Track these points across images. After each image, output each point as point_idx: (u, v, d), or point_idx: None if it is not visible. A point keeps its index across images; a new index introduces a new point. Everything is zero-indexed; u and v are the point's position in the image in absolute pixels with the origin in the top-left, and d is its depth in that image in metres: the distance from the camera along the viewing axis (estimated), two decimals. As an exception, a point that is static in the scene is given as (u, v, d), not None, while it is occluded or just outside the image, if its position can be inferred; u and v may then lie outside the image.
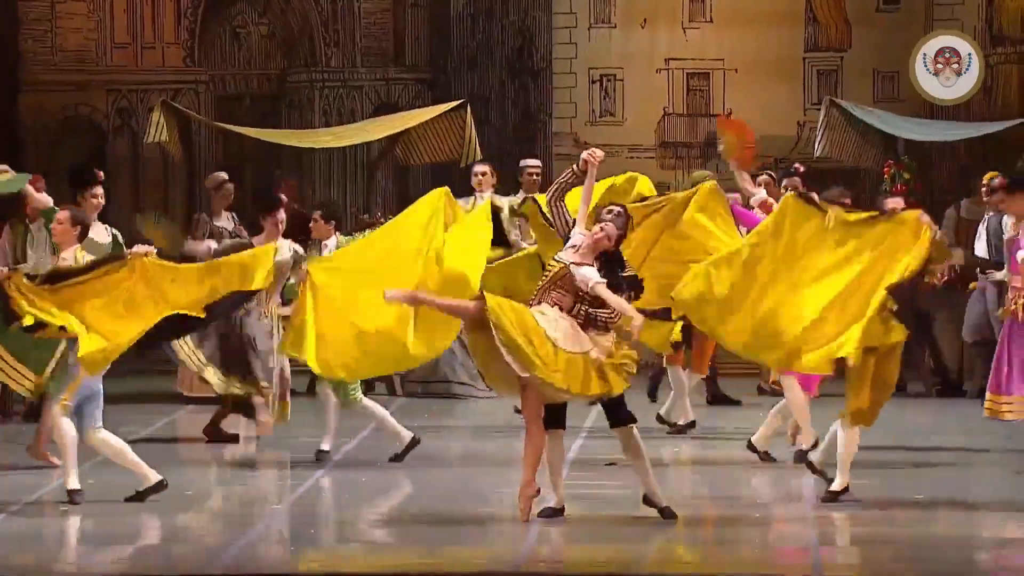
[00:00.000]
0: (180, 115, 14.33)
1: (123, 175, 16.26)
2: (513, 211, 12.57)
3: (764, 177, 14.31)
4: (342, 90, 16.50)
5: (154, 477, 9.83)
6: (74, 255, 9.99)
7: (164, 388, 13.72)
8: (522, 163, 14.70)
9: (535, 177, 14.65)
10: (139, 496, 9.79)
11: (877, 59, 16.11)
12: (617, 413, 9.27)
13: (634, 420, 9.31)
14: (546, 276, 9.30)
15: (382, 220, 13.29)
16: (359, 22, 16.47)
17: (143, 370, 13.25)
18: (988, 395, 10.56)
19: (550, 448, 9.38)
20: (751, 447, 11.01)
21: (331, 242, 11.54)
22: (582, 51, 16.29)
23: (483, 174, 13.38)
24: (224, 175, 13.86)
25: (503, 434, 12.22)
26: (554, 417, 9.37)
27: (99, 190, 11.66)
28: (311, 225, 11.59)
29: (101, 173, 11.73)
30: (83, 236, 10.10)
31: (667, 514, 9.31)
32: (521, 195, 12.98)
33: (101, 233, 11.59)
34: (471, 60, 16.43)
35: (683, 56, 16.19)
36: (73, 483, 9.77)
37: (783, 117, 15.99)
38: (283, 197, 11.86)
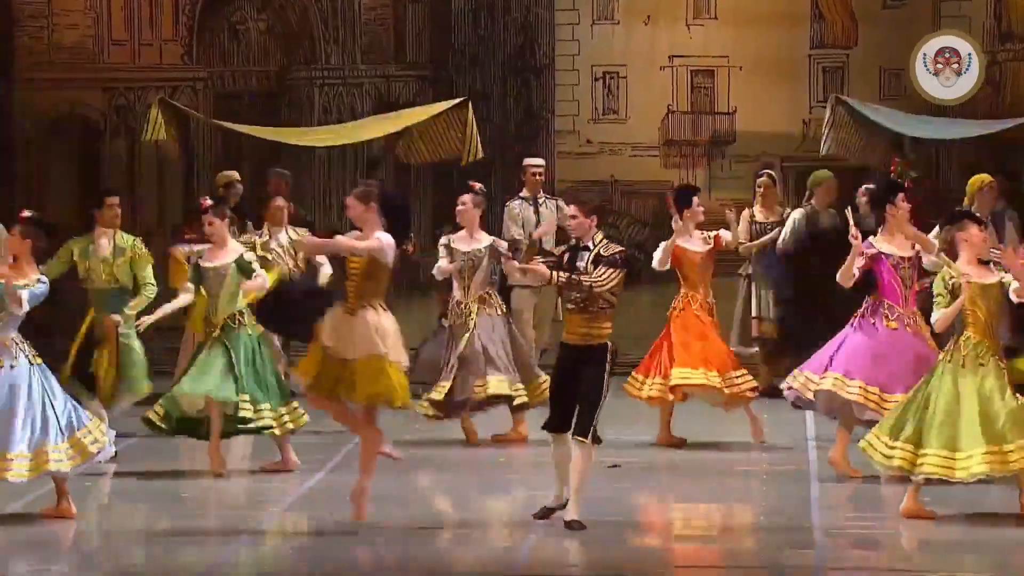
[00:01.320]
0: (178, 113, 14.20)
1: (119, 174, 16.13)
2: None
3: (764, 179, 14.21)
4: (342, 88, 16.38)
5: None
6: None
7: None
8: (525, 162, 14.60)
9: (538, 176, 14.54)
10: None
11: (883, 56, 15.99)
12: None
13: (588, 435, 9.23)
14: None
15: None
16: (359, 18, 16.36)
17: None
18: None
19: (555, 449, 9.41)
20: None
21: (282, 236, 11.39)
22: (585, 48, 16.16)
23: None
24: (234, 174, 13.73)
25: (500, 440, 12.11)
26: (558, 421, 9.33)
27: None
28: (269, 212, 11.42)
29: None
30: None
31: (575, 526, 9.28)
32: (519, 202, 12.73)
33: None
34: (473, 57, 16.31)
35: (687, 53, 16.08)
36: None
37: (788, 115, 15.87)
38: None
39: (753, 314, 13.95)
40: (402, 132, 14.56)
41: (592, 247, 9.31)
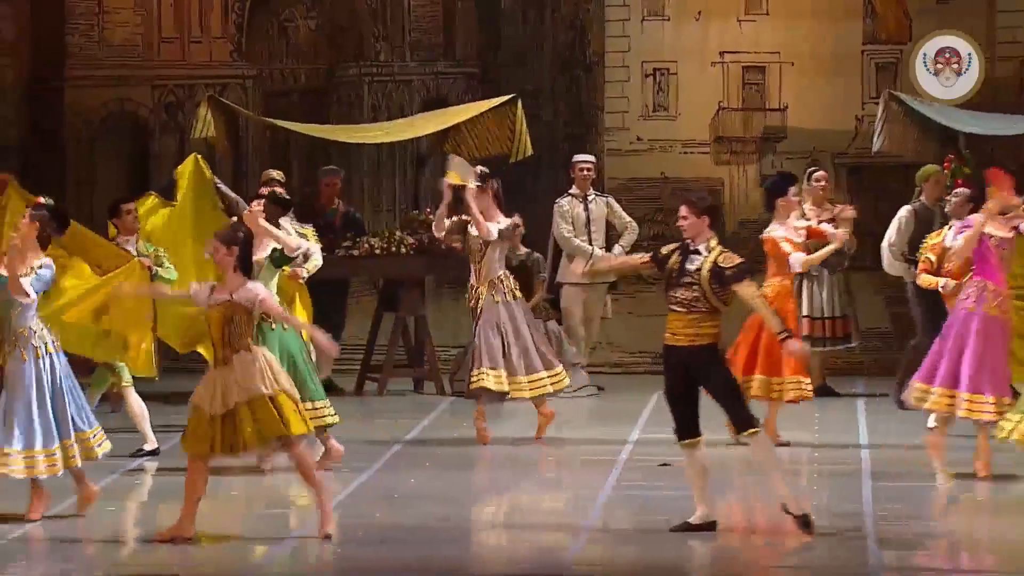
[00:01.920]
0: (227, 110, 14.19)
1: (168, 171, 16.14)
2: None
3: (821, 172, 14.02)
4: (391, 84, 16.34)
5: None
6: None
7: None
8: (575, 159, 14.53)
9: (587, 173, 14.46)
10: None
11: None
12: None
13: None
14: None
15: (431, 216, 13.11)
16: (408, 15, 16.31)
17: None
18: None
19: (688, 461, 9.08)
20: None
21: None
22: (635, 44, 16.06)
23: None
24: (273, 173, 13.69)
25: (546, 437, 12.05)
26: (686, 429, 9.09)
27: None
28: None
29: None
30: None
31: (804, 523, 9.00)
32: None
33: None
34: (522, 54, 16.25)
35: (738, 49, 15.95)
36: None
37: (840, 111, 15.72)
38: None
39: (804, 313, 13.78)
40: (451, 129, 14.51)
41: (705, 252, 8.97)
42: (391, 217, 15.84)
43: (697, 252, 9.02)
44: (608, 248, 14.26)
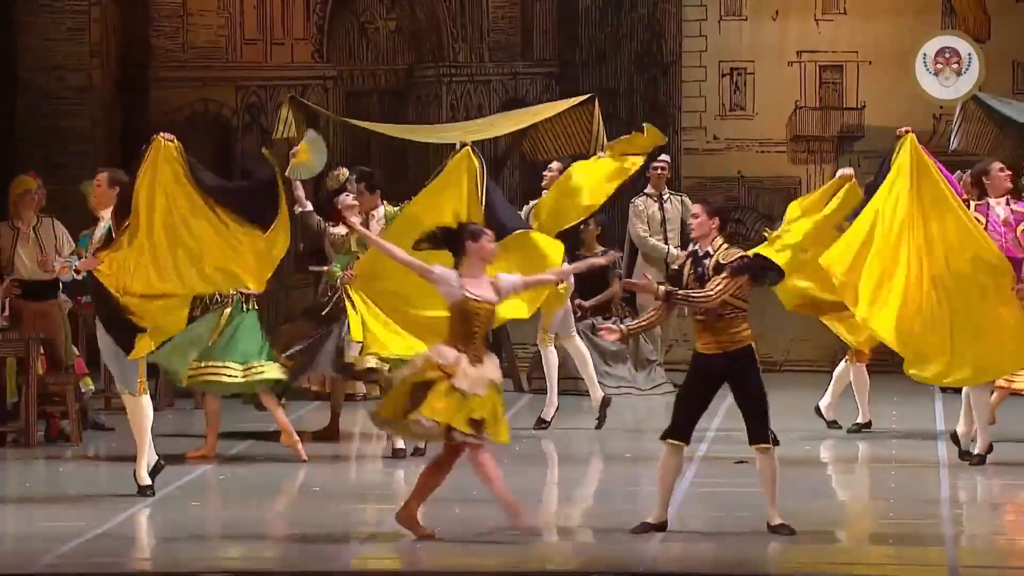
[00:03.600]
0: (308, 111, 14.34)
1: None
2: None
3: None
4: (469, 85, 16.45)
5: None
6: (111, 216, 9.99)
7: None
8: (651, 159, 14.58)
9: (661, 171, 14.50)
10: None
11: (1017, 50, 15.75)
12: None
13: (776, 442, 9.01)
14: None
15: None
16: (487, 16, 16.41)
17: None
18: None
19: (664, 460, 9.07)
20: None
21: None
22: (712, 44, 16.09)
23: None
24: (345, 171, 13.82)
25: (628, 433, 12.11)
26: (679, 431, 9.09)
27: None
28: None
29: None
30: (121, 198, 9.97)
31: (782, 531, 9.01)
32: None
33: None
34: (599, 53, 16.31)
35: (816, 48, 15.94)
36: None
37: (919, 110, 15.66)
38: None
39: None
40: (529, 129, 14.59)
41: (712, 252, 8.94)
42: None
43: (707, 255, 8.99)
44: (684, 246, 14.31)
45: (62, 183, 13.97)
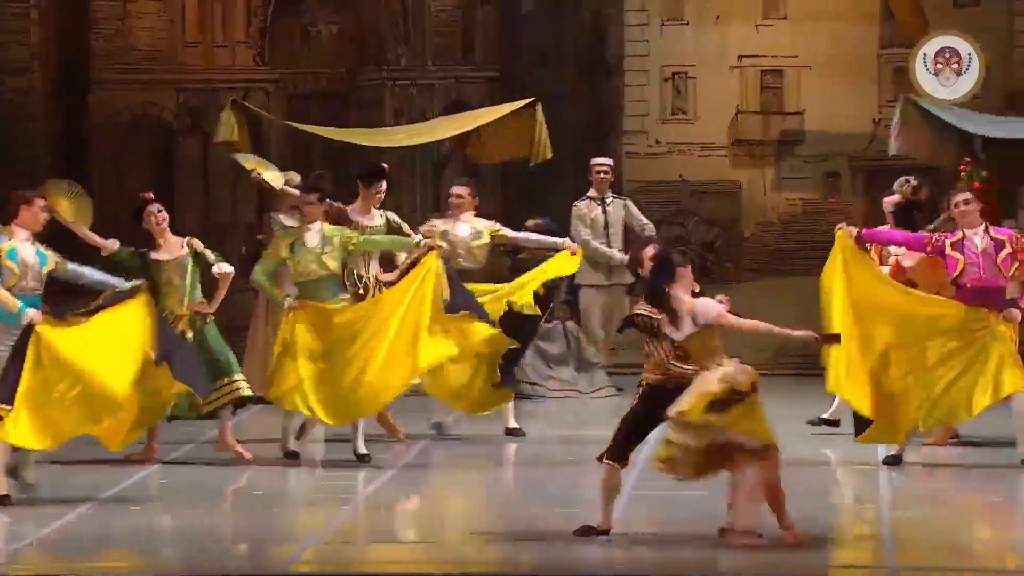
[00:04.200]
0: (250, 114, 14.33)
1: (193, 175, 16.31)
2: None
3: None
4: (412, 89, 16.48)
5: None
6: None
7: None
8: (592, 161, 14.62)
9: (604, 175, 14.57)
10: None
11: (955, 56, 15.93)
12: None
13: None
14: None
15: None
16: (429, 20, 16.45)
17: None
18: None
19: (611, 476, 9.06)
20: None
21: (316, 226, 11.34)
22: (654, 48, 16.20)
23: (460, 196, 12.67)
24: (296, 175, 13.83)
25: (570, 437, 12.16)
26: (629, 452, 9.07)
27: (151, 208, 11.47)
28: (305, 208, 11.41)
29: (149, 195, 11.59)
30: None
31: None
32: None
33: (174, 249, 11.35)
34: (542, 57, 16.38)
35: (757, 53, 16.08)
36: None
37: (857, 115, 15.84)
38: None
39: None
40: (472, 133, 14.63)
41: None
42: (413, 220, 15.97)
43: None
44: (627, 249, 14.38)
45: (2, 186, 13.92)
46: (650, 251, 9.05)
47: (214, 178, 16.36)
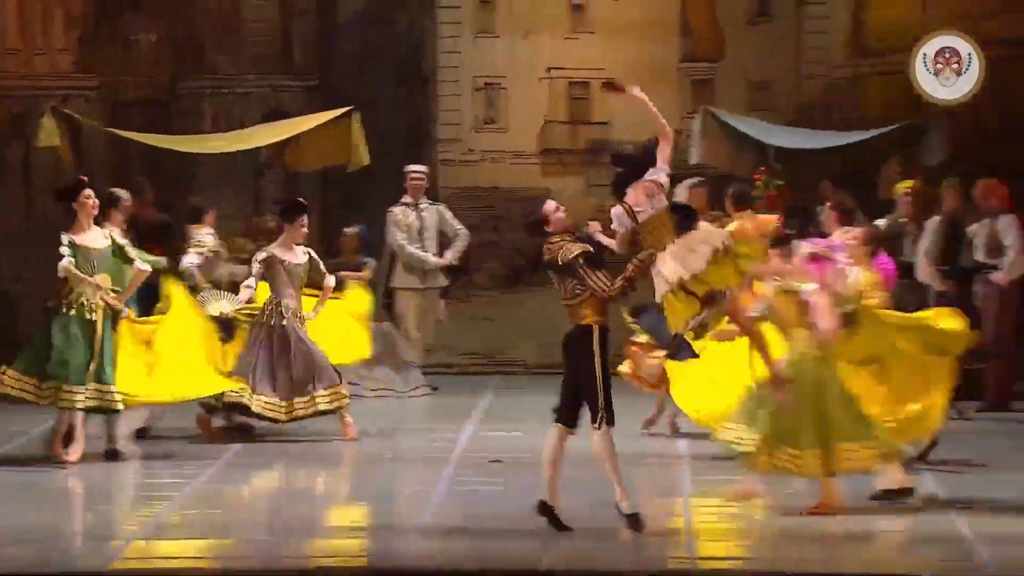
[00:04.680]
0: (70, 120, 14.43)
1: (15, 181, 16.28)
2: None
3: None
4: (231, 97, 16.56)
5: None
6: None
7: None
8: (406, 169, 14.89)
9: (418, 182, 14.91)
10: None
11: (751, 68, 16.52)
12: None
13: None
14: None
15: (271, 224, 13.51)
16: (248, 29, 16.56)
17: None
18: None
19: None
20: None
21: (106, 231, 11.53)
22: (467, 59, 16.52)
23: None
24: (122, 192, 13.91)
25: (386, 435, 12.42)
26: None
27: (89, 191, 11.38)
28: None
29: (85, 179, 11.53)
30: None
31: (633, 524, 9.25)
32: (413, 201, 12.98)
33: (98, 238, 11.38)
34: (359, 66, 16.56)
35: (564, 65, 16.50)
36: None
37: (661, 125, 16.31)
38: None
39: None
40: (290, 140, 14.86)
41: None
42: (234, 224, 16.14)
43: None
44: (441, 254, 14.72)
45: None
46: (550, 205, 9.51)
47: (36, 185, 16.32)
